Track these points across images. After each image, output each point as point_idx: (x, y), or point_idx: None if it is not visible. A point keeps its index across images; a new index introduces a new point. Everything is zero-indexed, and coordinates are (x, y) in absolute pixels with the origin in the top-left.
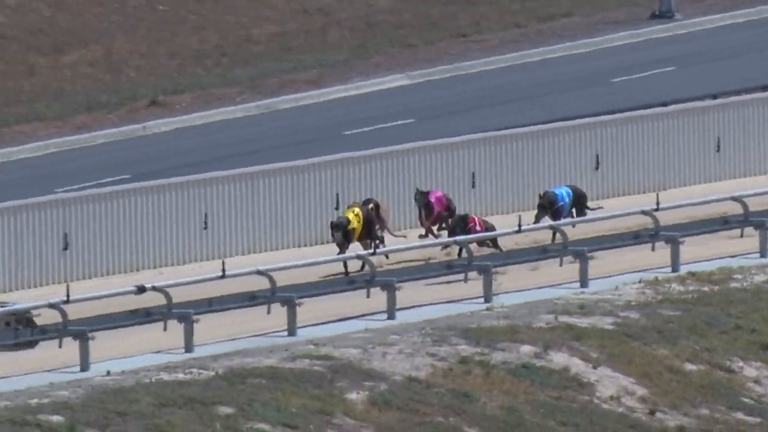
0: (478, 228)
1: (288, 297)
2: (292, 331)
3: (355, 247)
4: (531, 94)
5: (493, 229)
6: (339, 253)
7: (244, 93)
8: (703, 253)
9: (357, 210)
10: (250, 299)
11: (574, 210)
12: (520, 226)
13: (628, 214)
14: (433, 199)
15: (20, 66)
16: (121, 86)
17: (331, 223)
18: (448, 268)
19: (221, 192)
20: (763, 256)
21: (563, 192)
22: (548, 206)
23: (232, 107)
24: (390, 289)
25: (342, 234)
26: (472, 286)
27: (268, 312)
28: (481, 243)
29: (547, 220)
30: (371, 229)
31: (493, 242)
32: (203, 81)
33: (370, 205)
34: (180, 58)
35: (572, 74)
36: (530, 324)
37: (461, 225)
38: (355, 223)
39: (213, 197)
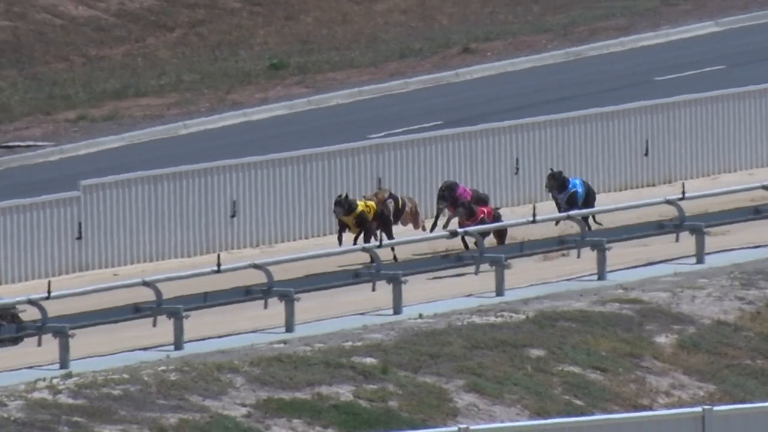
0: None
1: (598, 241)
2: (601, 275)
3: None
4: None
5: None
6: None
7: (555, 40)
8: None
9: (371, 203)
10: (559, 243)
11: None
12: None
13: None
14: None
15: (334, 13)
16: (434, 33)
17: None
18: (757, 212)
19: (531, 138)
20: None
21: (577, 181)
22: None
23: (542, 54)
24: (699, 233)
25: (345, 212)
26: None
27: (578, 256)
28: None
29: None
30: (382, 223)
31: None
32: (514, 28)
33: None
34: (492, 6)
35: None
36: None
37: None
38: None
39: (523, 143)
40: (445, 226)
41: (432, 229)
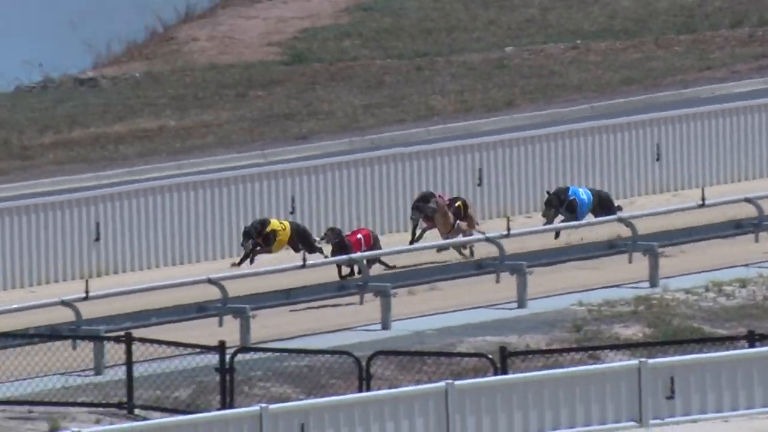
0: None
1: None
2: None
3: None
4: None
5: (378, 244)
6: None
7: None
8: None
9: (285, 222)
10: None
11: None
12: None
13: None
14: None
15: None
16: None
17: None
18: None
19: None
20: None
21: (579, 190)
22: (557, 203)
23: None
24: None
25: (248, 235)
26: None
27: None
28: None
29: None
30: (306, 240)
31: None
32: None
33: (457, 204)
34: None
35: None
36: None
37: (338, 243)
38: (280, 232)
39: None
40: (418, 239)
41: (411, 242)
